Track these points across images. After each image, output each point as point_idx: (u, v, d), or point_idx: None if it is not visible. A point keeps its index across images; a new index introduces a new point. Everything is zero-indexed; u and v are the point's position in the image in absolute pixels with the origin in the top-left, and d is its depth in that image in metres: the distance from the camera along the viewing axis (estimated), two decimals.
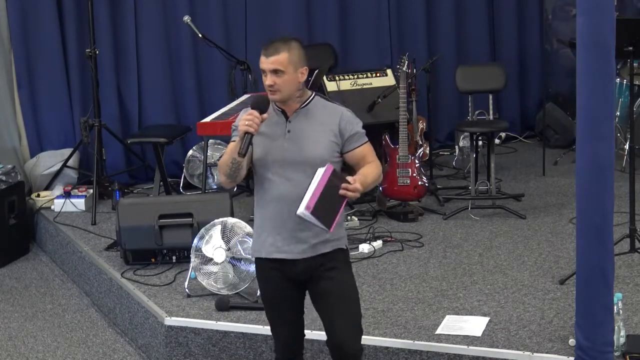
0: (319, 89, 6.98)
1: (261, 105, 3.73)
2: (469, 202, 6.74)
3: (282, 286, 3.83)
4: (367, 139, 3.81)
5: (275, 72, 3.70)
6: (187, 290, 5.27)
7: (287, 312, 3.89)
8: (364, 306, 4.96)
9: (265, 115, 3.70)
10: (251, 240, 5.15)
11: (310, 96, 3.82)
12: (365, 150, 3.80)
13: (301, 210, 3.53)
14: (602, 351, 3.99)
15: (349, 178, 3.63)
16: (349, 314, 3.80)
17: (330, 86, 7.21)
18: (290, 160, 3.71)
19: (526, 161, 8.28)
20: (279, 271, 3.80)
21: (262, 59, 3.75)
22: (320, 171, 3.59)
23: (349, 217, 6.52)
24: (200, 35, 7.23)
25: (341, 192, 3.58)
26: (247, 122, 3.64)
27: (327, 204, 3.58)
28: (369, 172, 3.75)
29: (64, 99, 7.74)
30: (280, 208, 3.73)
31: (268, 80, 3.73)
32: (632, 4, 9.00)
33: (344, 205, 3.64)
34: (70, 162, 7.45)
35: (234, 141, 3.74)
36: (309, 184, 3.58)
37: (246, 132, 3.64)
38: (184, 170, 7.59)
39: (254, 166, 3.79)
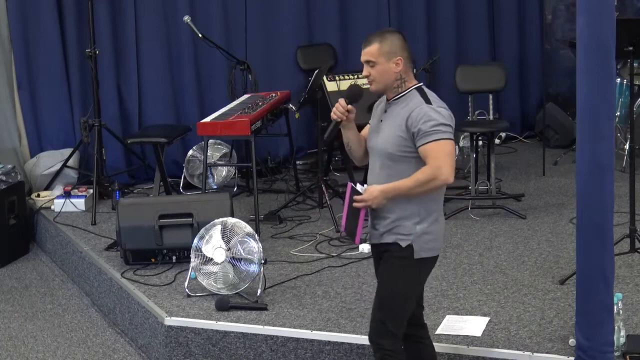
0: (319, 89, 6.98)
1: (352, 96, 3.92)
2: (469, 202, 6.74)
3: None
4: (433, 139, 3.72)
5: (368, 63, 3.82)
6: (187, 290, 5.27)
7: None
8: (364, 306, 4.98)
9: (350, 106, 3.88)
10: (251, 240, 5.17)
11: (408, 88, 3.86)
12: (426, 150, 3.73)
13: (342, 229, 3.95)
14: (602, 351, 3.99)
15: (365, 191, 3.78)
16: (375, 307, 3.92)
17: (330, 86, 7.22)
18: (373, 147, 3.90)
19: (526, 161, 8.29)
20: (373, 254, 4.08)
21: (361, 51, 3.87)
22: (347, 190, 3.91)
23: None
24: (200, 35, 7.23)
25: (354, 204, 3.79)
26: (336, 111, 3.88)
27: (351, 220, 3.87)
28: (410, 177, 3.75)
29: (64, 99, 7.74)
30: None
31: (364, 71, 3.85)
32: (632, 4, 9.00)
33: (361, 216, 3.81)
34: (70, 162, 7.46)
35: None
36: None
37: (333, 119, 3.88)
38: (184, 170, 7.59)
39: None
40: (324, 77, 7.17)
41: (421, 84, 3.93)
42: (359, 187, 3.85)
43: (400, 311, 3.89)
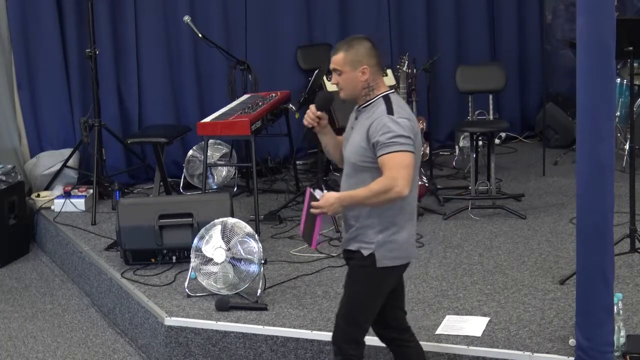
0: (319, 89, 6.98)
1: (321, 103, 3.94)
2: (469, 202, 6.74)
3: None
4: (389, 150, 3.68)
5: (335, 71, 3.84)
6: (187, 290, 5.26)
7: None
8: None
9: (319, 112, 3.90)
10: (251, 240, 5.17)
11: (376, 96, 3.84)
12: (383, 161, 3.70)
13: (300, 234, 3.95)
14: (602, 351, 3.99)
15: (322, 197, 3.75)
16: (339, 313, 3.96)
17: (330, 86, 7.20)
18: (344, 155, 3.93)
19: (526, 161, 8.28)
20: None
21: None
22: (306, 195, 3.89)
23: None
24: (200, 35, 7.23)
25: (311, 210, 3.77)
26: (307, 117, 3.92)
27: (308, 225, 3.87)
28: (365, 187, 3.72)
29: (64, 99, 7.74)
30: None
31: (333, 79, 3.89)
32: (632, 4, 9.00)
33: (318, 222, 3.81)
34: (70, 162, 7.45)
35: None
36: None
37: (305, 125, 3.94)
38: (184, 170, 7.59)
39: None
40: (324, 77, 7.17)
41: (391, 91, 3.87)
42: (317, 192, 3.83)
43: (362, 319, 3.92)
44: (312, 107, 3.91)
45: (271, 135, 7.61)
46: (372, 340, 4.60)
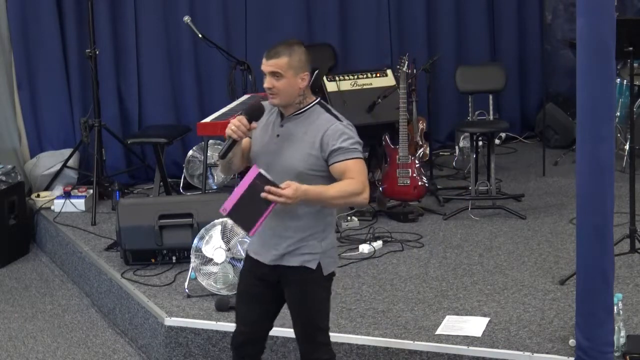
0: (319, 89, 6.98)
1: (253, 113, 3.70)
2: (469, 202, 6.74)
3: (252, 283, 3.87)
4: (354, 156, 3.62)
5: (274, 74, 3.67)
6: (187, 290, 5.26)
7: (252, 306, 3.92)
8: (364, 306, 4.98)
9: (254, 124, 3.67)
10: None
11: (309, 103, 3.75)
12: (346, 166, 3.60)
13: (220, 210, 3.53)
14: (602, 351, 3.99)
15: (284, 184, 3.48)
16: (302, 336, 3.87)
17: (330, 86, 7.21)
18: (271, 164, 3.65)
19: (526, 161, 8.28)
20: (255, 269, 3.84)
21: (263, 61, 3.72)
22: (249, 173, 3.53)
23: (348, 217, 6.52)
24: (200, 36, 7.23)
25: (262, 195, 3.48)
26: (232, 127, 3.63)
27: (249, 208, 3.52)
28: (336, 185, 3.60)
29: (64, 99, 7.74)
30: None
31: (267, 82, 3.69)
32: (632, 4, 9.00)
33: (269, 210, 3.51)
34: (70, 163, 7.45)
35: None
36: (297, 207, 3.57)
37: (229, 137, 3.65)
38: (184, 170, 7.59)
39: (251, 162, 3.80)
40: (324, 77, 7.17)
41: (319, 98, 3.81)
42: (271, 176, 3.52)
43: (326, 325, 3.87)
44: (242, 118, 3.64)
45: None
46: (373, 340, 4.61)
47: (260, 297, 3.87)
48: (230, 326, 4.85)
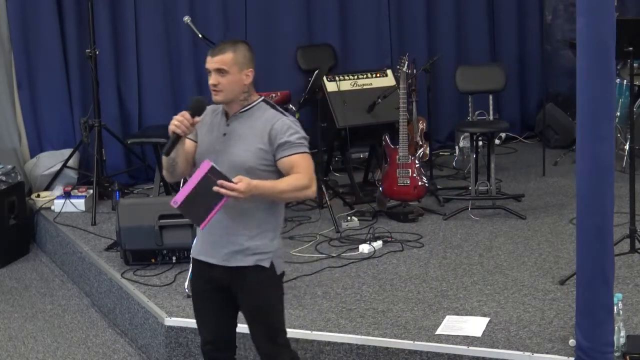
0: (319, 90, 6.98)
1: (197, 108, 3.71)
2: (469, 202, 6.74)
3: (204, 288, 3.84)
4: (301, 150, 3.65)
5: (219, 71, 3.69)
6: (187, 290, 5.26)
7: (209, 312, 3.89)
8: (364, 306, 4.99)
9: (197, 119, 3.69)
10: None
11: (254, 101, 3.77)
12: (294, 161, 3.63)
13: (171, 202, 3.53)
14: (602, 352, 3.99)
15: (236, 178, 3.49)
16: (260, 337, 3.84)
17: (330, 86, 7.21)
18: (219, 163, 3.61)
19: (526, 161, 8.29)
20: (204, 272, 3.81)
21: (208, 58, 3.73)
22: (200, 166, 3.54)
23: (348, 217, 6.52)
24: (200, 36, 7.22)
25: (214, 188, 3.47)
26: (176, 123, 3.66)
27: (200, 201, 3.52)
28: (286, 179, 3.62)
29: (64, 99, 7.74)
30: None
31: (212, 79, 3.70)
32: (633, 4, 9.00)
33: (221, 204, 3.51)
34: (70, 163, 7.45)
35: None
36: (247, 204, 3.58)
37: (173, 132, 3.66)
38: None
39: (196, 163, 3.77)
40: (324, 78, 7.17)
41: (263, 96, 3.83)
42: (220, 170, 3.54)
43: (283, 324, 3.86)
44: (186, 113, 3.65)
45: None
46: (373, 340, 4.61)
47: (215, 302, 3.83)
48: None
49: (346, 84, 7.26)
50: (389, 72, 7.47)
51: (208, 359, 3.96)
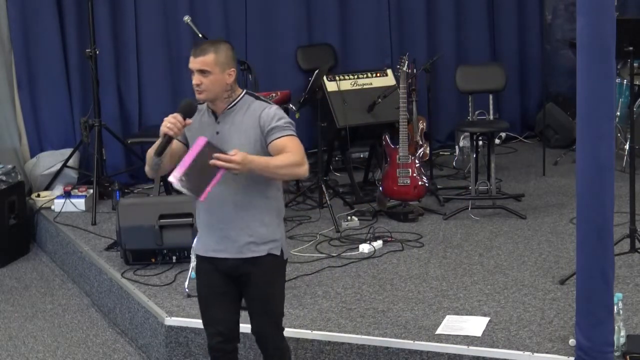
0: (319, 89, 6.98)
1: (187, 110, 3.79)
2: (469, 202, 6.74)
3: (216, 283, 3.96)
4: (288, 133, 3.79)
5: (201, 72, 3.78)
6: (187, 290, 5.26)
7: (220, 305, 4.01)
8: (364, 306, 4.99)
9: (189, 120, 3.79)
10: None
11: (238, 95, 3.88)
12: (283, 142, 3.77)
13: (170, 178, 3.63)
14: (602, 351, 3.99)
15: (232, 151, 3.63)
16: (265, 324, 4.01)
17: (331, 86, 7.22)
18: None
19: (526, 161, 8.29)
20: (214, 267, 3.94)
21: (191, 59, 3.83)
22: (196, 142, 3.66)
23: (348, 217, 6.52)
24: (200, 35, 7.22)
25: (211, 162, 3.60)
26: (168, 125, 3.73)
27: (199, 175, 3.64)
28: (277, 157, 3.74)
29: (64, 99, 7.74)
30: (210, 208, 3.86)
31: (195, 79, 3.79)
32: (633, 4, 9.00)
33: (218, 176, 3.65)
34: (70, 162, 7.45)
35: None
36: (252, 198, 3.75)
37: (166, 134, 3.74)
38: None
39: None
40: (324, 77, 7.17)
41: (245, 90, 3.94)
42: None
43: (283, 308, 4.07)
44: (178, 115, 3.74)
45: None
46: (373, 340, 4.61)
47: (227, 295, 3.98)
48: None
49: (346, 84, 7.27)
50: (389, 71, 7.47)
51: (217, 352, 4.04)
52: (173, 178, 3.62)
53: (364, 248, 5.96)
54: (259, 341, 4.06)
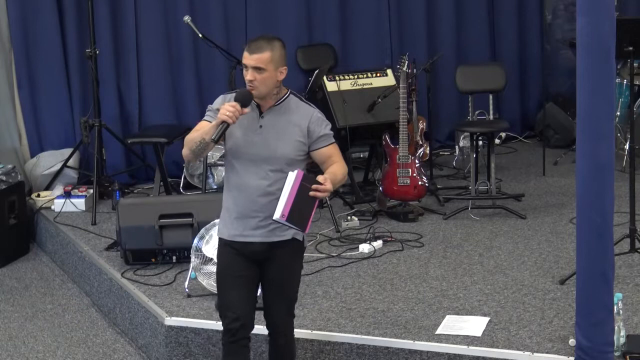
0: (319, 89, 6.98)
1: (245, 100, 3.88)
2: (469, 202, 6.74)
3: (241, 267, 4.02)
4: (334, 141, 4.00)
5: (256, 69, 3.87)
6: (187, 290, 5.27)
7: (241, 289, 4.06)
8: (364, 306, 4.99)
9: (247, 109, 3.88)
10: None
11: (285, 94, 4.01)
12: (331, 150, 3.98)
13: (276, 216, 3.75)
14: (602, 351, 3.99)
15: (320, 178, 3.78)
16: (285, 310, 4.13)
17: (331, 86, 7.22)
18: (257, 154, 3.90)
19: (526, 161, 8.29)
20: (238, 251, 4.01)
21: (246, 54, 3.90)
22: (291, 177, 3.77)
23: (348, 217, 6.53)
24: (200, 35, 7.23)
25: (311, 193, 3.75)
26: (227, 113, 3.80)
27: (301, 208, 3.78)
28: (336, 170, 3.93)
29: (64, 99, 7.74)
30: (242, 196, 3.94)
31: (249, 75, 3.89)
32: (632, 4, 9.00)
33: (316, 205, 3.82)
34: (70, 162, 7.45)
35: (207, 120, 3.96)
36: (282, 188, 3.77)
37: (224, 122, 3.80)
38: (184, 170, 7.59)
39: (226, 153, 4.00)
40: (324, 77, 7.17)
41: (289, 89, 4.06)
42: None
43: (297, 296, 4.19)
44: (235, 104, 3.82)
45: None
46: (373, 340, 4.61)
47: (249, 280, 4.04)
48: None
49: (346, 84, 7.27)
50: (389, 71, 7.47)
51: (232, 336, 4.05)
52: (281, 217, 3.74)
53: (364, 248, 5.96)
54: (271, 326, 4.13)
